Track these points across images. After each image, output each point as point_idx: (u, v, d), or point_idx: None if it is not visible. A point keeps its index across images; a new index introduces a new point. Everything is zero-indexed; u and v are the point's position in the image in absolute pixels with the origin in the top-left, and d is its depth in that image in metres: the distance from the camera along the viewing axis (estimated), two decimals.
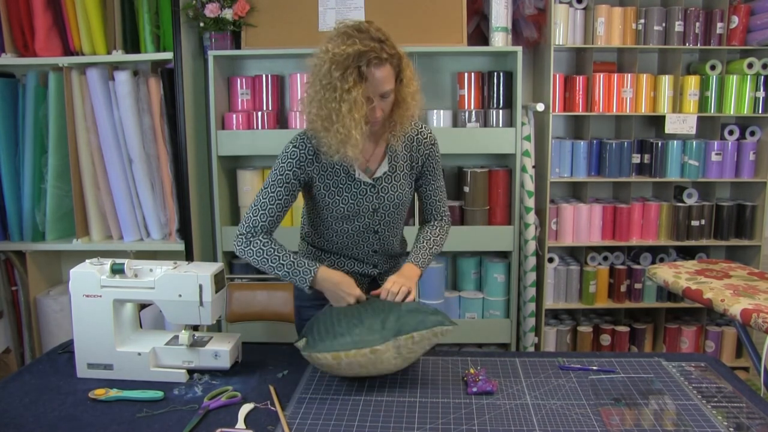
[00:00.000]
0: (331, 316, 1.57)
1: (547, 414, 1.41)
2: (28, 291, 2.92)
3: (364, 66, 1.48)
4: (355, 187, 1.67)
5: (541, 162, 2.92)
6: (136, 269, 1.63)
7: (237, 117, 2.82)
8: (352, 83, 1.48)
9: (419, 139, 1.73)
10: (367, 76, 1.49)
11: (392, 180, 1.71)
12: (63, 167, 2.84)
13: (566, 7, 2.82)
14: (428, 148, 1.75)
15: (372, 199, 1.70)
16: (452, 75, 3.02)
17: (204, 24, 2.73)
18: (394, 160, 1.70)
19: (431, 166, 1.77)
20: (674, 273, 2.13)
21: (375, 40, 1.50)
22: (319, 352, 1.47)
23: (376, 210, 1.71)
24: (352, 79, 1.48)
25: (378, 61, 1.49)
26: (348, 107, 1.49)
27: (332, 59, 1.49)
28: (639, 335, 3.05)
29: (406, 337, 1.47)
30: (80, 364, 1.61)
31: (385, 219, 1.74)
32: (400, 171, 1.72)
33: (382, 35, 1.53)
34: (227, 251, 2.88)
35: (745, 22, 2.84)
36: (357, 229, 1.73)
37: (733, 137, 2.92)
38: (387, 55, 1.51)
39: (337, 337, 1.49)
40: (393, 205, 1.72)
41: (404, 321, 1.50)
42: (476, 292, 3.01)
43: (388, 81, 1.53)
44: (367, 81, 1.50)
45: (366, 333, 1.48)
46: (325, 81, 1.51)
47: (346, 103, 1.49)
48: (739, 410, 1.43)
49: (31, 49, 2.77)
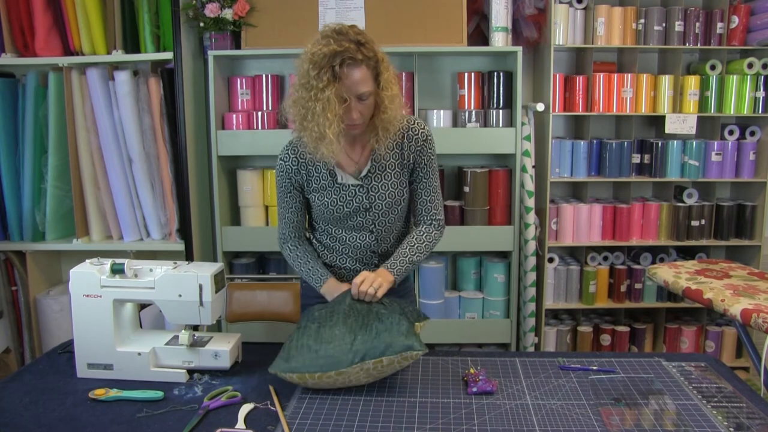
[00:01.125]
0: (306, 329, 1.56)
1: (547, 414, 1.41)
2: (28, 291, 2.92)
3: (337, 66, 1.49)
4: (344, 189, 1.69)
5: (541, 162, 2.92)
6: (136, 269, 1.63)
7: (237, 117, 2.82)
8: (326, 82, 1.49)
9: (410, 135, 1.70)
10: (340, 76, 1.50)
11: (381, 179, 1.70)
12: (63, 167, 2.84)
13: (566, 7, 2.82)
14: (419, 144, 1.71)
15: (362, 199, 1.70)
16: (452, 75, 3.02)
17: (204, 24, 2.73)
18: (381, 159, 1.69)
19: (423, 163, 1.72)
20: (674, 273, 2.13)
21: (352, 41, 1.51)
22: (285, 372, 1.49)
23: (368, 209, 1.72)
24: (326, 78, 1.49)
25: (352, 62, 1.50)
26: (322, 106, 1.51)
27: (310, 59, 1.51)
28: (639, 335, 3.05)
29: (374, 362, 1.46)
30: (80, 364, 1.61)
31: (379, 218, 1.74)
32: (390, 169, 1.70)
33: (362, 38, 1.54)
34: (227, 251, 2.88)
35: (745, 22, 2.84)
36: (352, 229, 1.74)
37: (733, 137, 2.92)
38: (363, 57, 1.51)
39: (304, 355, 1.48)
40: (385, 204, 1.71)
41: (373, 344, 1.47)
42: (476, 292, 3.01)
43: (363, 83, 1.53)
44: (341, 81, 1.50)
45: (335, 350, 1.47)
46: (303, 80, 1.54)
47: (320, 102, 1.51)
48: (739, 410, 1.43)
49: (31, 49, 2.77)
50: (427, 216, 1.76)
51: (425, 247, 1.74)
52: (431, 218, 1.77)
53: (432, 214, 1.76)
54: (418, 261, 1.74)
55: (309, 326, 1.57)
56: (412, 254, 1.72)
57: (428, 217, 1.76)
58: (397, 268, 1.69)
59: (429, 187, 1.75)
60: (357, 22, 2.75)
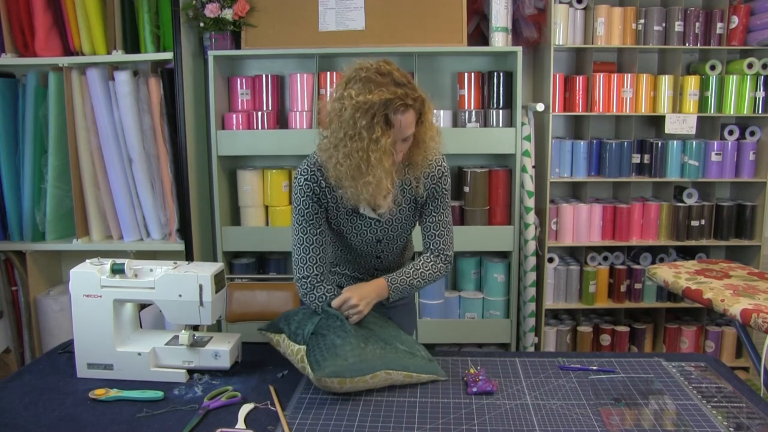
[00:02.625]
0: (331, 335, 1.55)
1: (547, 414, 1.41)
2: (28, 291, 2.92)
3: (391, 113, 1.44)
4: (360, 219, 1.66)
5: (541, 162, 2.92)
6: (136, 269, 1.62)
7: (237, 117, 2.82)
8: (380, 132, 1.44)
9: (426, 172, 1.65)
10: (393, 123, 1.45)
11: (397, 213, 1.68)
12: (63, 167, 2.83)
13: (566, 7, 2.82)
14: (435, 180, 1.66)
15: (376, 232, 1.69)
16: (452, 75, 3.02)
17: (204, 24, 2.73)
18: (398, 194, 1.66)
19: (435, 198, 1.68)
20: (674, 273, 2.13)
21: (399, 84, 1.45)
22: (329, 377, 1.44)
23: (379, 241, 1.71)
24: (380, 127, 1.43)
25: (404, 108, 1.45)
26: (378, 157, 1.45)
27: (356, 106, 1.43)
28: (639, 335, 3.05)
29: (405, 374, 1.52)
30: (80, 364, 1.61)
31: (388, 247, 1.74)
32: (405, 204, 1.68)
33: (405, 78, 1.48)
34: (227, 251, 2.88)
35: (745, 22, 2.84)
36: (359, 254, 1.75)
37: (733, 137, 2.92)
38: (412, 101, 1.46)
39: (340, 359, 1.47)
40: (396, 236, 1.72)
41: (408, 362, 1.54)
42: (476, 292, 3.01)
43: (412, 125, 1.50)
44: (394, 128, 1.46)
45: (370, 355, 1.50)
46: (351, 131, 1.45)
47: (376, 153, 1.44)
48: (739, 410, 1.43)
49: (31, 49, 2.76)
50: (435, 248, 1.72)
51: (429, 276, 1.70)
52: (439, 251, 1.72)
53: (441, 248, 1.72)
54: (417, 287, 1.71)
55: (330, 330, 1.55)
56: (414, 278, 1.68)
57: (437, 250, 1.72)
58: (395, 287, 1.65)
59: (440, 221, 1.71)
60: (357, 22, 2.76)
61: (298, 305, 2.13)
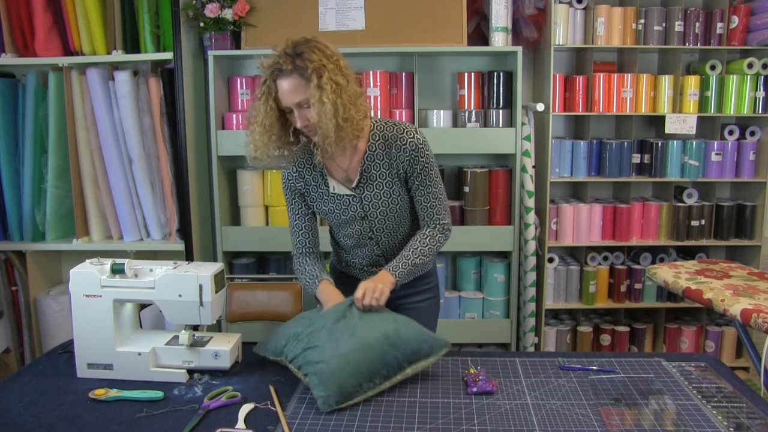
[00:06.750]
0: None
1: (547, 414, 1.41)
2: (28, 291, 2.92)
3: (273, 78, 1.58)
4: (338, 198, 1.72)
5: (541, 162, 2.92)
6: (136, 269, 1.63)
7: (237, 117, 2.82)
8: (263, 93, 1.59)
9: (398, 145, 1.68)
10: (275, 88, 1.58)
11: (373, 188, 1.70)
12: (63, 167, 2.83)
13: (566, 7, 2.82)
14: (408, 153, 1.67)
15: (357, 209, 1.72)
16: (452, 75, 3.02)
17: (204, 24, 2.73)
18: (371, 169, 1.70)
19: (416, 172, 1.70)
20: (674, 273, 2.13)
21: (288, 54, 1.56)
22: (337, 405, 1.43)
23: (364, 218, 1.74)
24: (265, 88, 1.59)
25: (280, 73, 1.56)
26: (259, 115, 1.61)
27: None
28: (639, 335, 3.05)
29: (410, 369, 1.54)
30: (80, 364, 1.61)
31: (377, 226, 1.75)
32: (381, 179, 1.70)
33: (303, 48, 1.55)
34: (227, 251, 2.88)
35: (745, 22, 2.84)
36: (353, 235, 1.78)
37: (733, 137, 2.92)
38: (293, 66, 1.54)
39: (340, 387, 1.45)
40: (380, 213, 1.73)
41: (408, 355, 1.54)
42: (476, 292, 3.01)
43: (296, 92, 1.55)
44: (276, 92, 1.58)
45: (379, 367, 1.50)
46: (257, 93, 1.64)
47: (260, 112, 1.60)
48: (739, 410, 1.43)
49: (31, 49, 2.76)
50: (430, 220, 1.76)
51: (428, 249, 1.73)
52: (434, 222, 1.75)
53: (435, 218, 1.75)
54: (422, 264, 1.74)
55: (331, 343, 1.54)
56: (414, 257, 1.71)
57: (431, 221, 1.76)
58: (399, 270, 1.70)
59: (428, 193, 1.73)
60: (357, 22, 2.76)
61: (299, 305, 2.15)
